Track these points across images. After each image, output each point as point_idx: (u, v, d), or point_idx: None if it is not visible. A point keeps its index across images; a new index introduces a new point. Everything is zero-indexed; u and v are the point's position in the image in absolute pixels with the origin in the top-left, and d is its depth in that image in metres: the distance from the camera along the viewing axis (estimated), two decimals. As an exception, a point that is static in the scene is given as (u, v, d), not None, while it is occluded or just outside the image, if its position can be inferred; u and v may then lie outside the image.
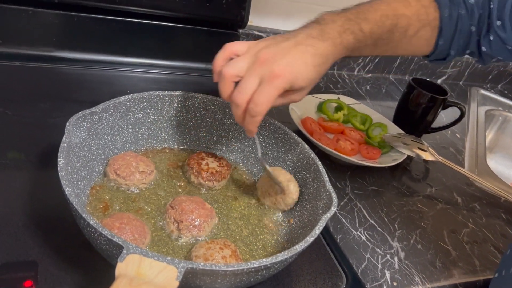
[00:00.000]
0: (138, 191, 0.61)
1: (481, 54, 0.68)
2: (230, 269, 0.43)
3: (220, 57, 0.56)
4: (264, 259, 0.45)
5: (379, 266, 0.63)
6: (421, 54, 0.70)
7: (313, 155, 0.64)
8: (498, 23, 0.63)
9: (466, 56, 0.71)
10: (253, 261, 0.44)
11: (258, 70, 0.52)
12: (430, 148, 0.88)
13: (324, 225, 0.52)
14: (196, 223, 0.57)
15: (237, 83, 0.53)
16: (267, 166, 0.62)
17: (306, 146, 0.65)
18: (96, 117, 0.59)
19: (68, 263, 0.50)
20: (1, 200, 0.55)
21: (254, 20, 1.09)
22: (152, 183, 0.63)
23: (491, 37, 0.64)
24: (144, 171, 0.62)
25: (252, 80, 0.52)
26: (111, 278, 0.40)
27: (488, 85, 1.49)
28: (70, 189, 0.46)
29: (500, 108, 1.34)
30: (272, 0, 1.10)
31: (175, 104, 0.69)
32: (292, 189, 0.62)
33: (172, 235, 0.56)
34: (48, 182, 0.59)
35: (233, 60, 0.54)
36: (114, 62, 0.92)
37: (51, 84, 0.82)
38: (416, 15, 0.62)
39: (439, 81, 1.40)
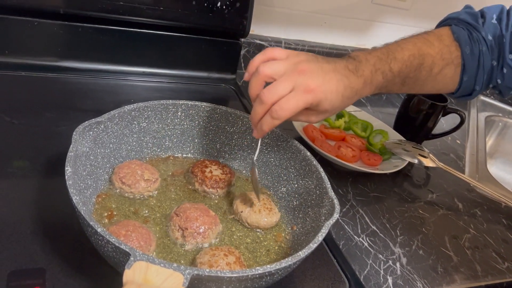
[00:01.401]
0: (143, 199, 0.62)
1: (498, 86, 0.71)
2: (235, 275, 0.44)
3: (259, 59, 0.58)
4: (268, 266, 0.46)
5: (382, 272, 0.64)
6: (447, 91, 0.73)
7: (315, 162, 0.65)
8: (511, 56, 0.66)
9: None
10: (258, 267, 0.45)
11: (294, 78, 0.53)
12: (431, 155, 0.89)
13: (327, 231, 0.53)
14: (201, 230, 0.57)
15: (267, 85, 0.55)
16: (256, 171, 0.62)
17: (308, 153, 0.66)
18: (102, 126, 0.60)
19: (76, 270, 0.50)
20: (9, 208, 0.56)
21: (256, 29, 1.10)
22: (157, 191, 0.64)
23: (505, 70, 0.68)
24: (149, 179, 0.63)
25: (285, 85, 0.53)
26: (118, 285, 0.41)
27: (487, 92, 1.50)
28: (77, 197, 0.47)
29: (500, 114, 1.35)
30: (273, 9, 1.11)
31: (179, 113, 0.70)
32: (263, 213, 0.62)
33: (177, 242, 0.57)
34: (55, 190, 0.60)
35: (273, 62, 0.56)
36: (118, 72, 0.93)
37: (56, 93, 0.83)
38: (439, 54, 0.66)
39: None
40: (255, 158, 0.63)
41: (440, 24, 0.73)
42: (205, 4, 0.91)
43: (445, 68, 0.67)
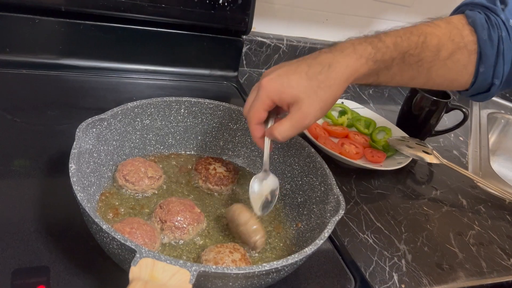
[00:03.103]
0: (147, 196, 0.62)
1: None
2: (242, 272, 0.43)
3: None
4: (275, 262, 0.45)
5: (387, 268, 0.63)
6: (460, 85, 0.63)
7: (319, 158, 0.64)
8: None
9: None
10: (264, 264, 0.45)
11: (257, 86, 0.55)
12: (434, 151, 0.88)
13: (332, 228, 0.52)
14: (180, 225, 0.56)
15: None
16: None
17: (313, 149, 0.66)
18: (105, 123, 0.60)
19: (80, 268, 0.50)
20: (12, 207, 0.56)
21: (258, 26, 1.10)
22: (161, 188, 0.64)
23: None
24: (152, 176, 0.62)
25: (252, 95, 0.56)
26: (122, 282, 0.41)
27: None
28: (82, 194, 0.46)
29: (502, 111, 1.35)
30: (275, 6, 1.11)
31: (182, 110, 0.69)
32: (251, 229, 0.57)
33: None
34: (58, 188, 0.60)
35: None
36: (120, 69, 0.93)
37: (57, 91, 0.83)
38: (447, 35, 0.58)
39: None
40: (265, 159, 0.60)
41: (454, 13, 0.65)
42: (207, 2, 0.91)
43: (456, 53, 0.58)
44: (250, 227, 0.57)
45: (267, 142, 0.58)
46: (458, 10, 0.64)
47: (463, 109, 0.95)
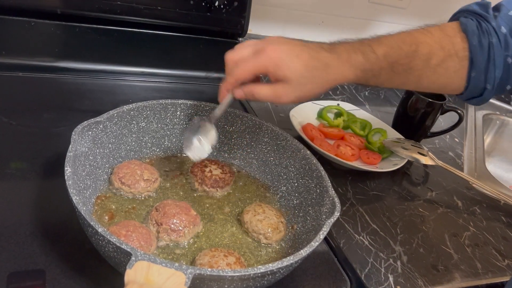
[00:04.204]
0: (143, 199, 0.62)
1: None
2: (237, 274, 0.44)
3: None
4: (270, 264, 0.45)
5: (382, 270, 0.64)
6: (453, 89, 0.64)
7: (315, 160, 0.65)
8: None
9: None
10: (260, 266, 0.45)
11: (257, 45, 0.56)
12: (429, 153, 0.89)
13: (328, 230, 0.52)
14: (176, 227, 0.56)
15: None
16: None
17: (308, 152, 0.66)
18: (101, 126, 0.60)
19: (76, 271, 0.50)
20: (7, 210, 0.56)
21: (254, 28, 1.10)
22: (157, 191, 0.64)
23: None
24: (148, 179, 0.62)
25: (248, 49, 0.56)
26: (118, 285, 0.41)
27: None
28: (77, 198, 0.47)
29: (498, 112, 1.36)
30: (271, 8, 1.11)
31: (178, 112, 0.69)
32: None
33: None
34: (54, 191, 0.60)
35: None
36: (116, 72, 0.93)
37: (53, 94, 0.83)
38: (438, 43, 0.60)
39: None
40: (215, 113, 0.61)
41: (451, 19, 0.66)
42: (203, 4, 0.91)
43: (447, 60, 0.60)
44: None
45: (229, 97, 0.59)
46: (454, 17, 0.65)
47: (459, 111, 0.96)
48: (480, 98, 0.64)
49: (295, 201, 0.66)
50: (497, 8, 0.61)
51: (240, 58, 0.56)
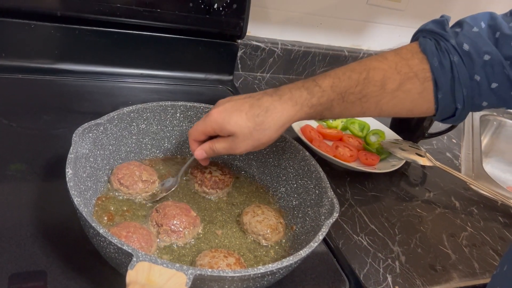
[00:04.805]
0: (141, 200, 0.62)
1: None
2: (238, 275, 0.44)
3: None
4: (270, 265, 0.46)
5: (381, 270, 0.64)
6: (422, 112, 0.61)
7: (314, 162, 0.65)
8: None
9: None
10: (260, 267, 0.45)
11: (208, 113, 0.60)
12: (427, 154, 0.89)
13: (327, 230, 0.53)
14: (176, 228, 0.57)
15: None
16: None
17: (307, 153, 0.67)
18: (101, 128, 0.60)
19: (77, 272, 0.50)
20: (8, 211, 0.56)
21: (252, 30, 1.11)
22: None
23: (494, 85, 0.56)
24: (147, 180, 0.63)
25: (202, 118, 0.61)
26: (119, 286, 0.41)
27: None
28: (78, 199, 0.47)
29: (495, 113, 1.37)
30: (269, 10, 1.12)
31: (178, 114, 0.70)
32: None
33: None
34: (54, 192, 0.60)
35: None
36: (115, 74, 0.93)
37: (53, 96, 0.83)
38: (393, 67, 0.58)
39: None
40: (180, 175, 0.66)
41: (412, 40, 0.63)
42: (202, 6, 0.92)
43: (405, 83, 0.57)
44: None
45: (191, 158, 0.65)
46: (414, 37, 0.63)
47: (456, 112, 0.96)
48: (454, 118, 0.61)
49: (294, 202, 0.67)
50: (459, 24, 0.58)
51: (196, 123, 0.62)
